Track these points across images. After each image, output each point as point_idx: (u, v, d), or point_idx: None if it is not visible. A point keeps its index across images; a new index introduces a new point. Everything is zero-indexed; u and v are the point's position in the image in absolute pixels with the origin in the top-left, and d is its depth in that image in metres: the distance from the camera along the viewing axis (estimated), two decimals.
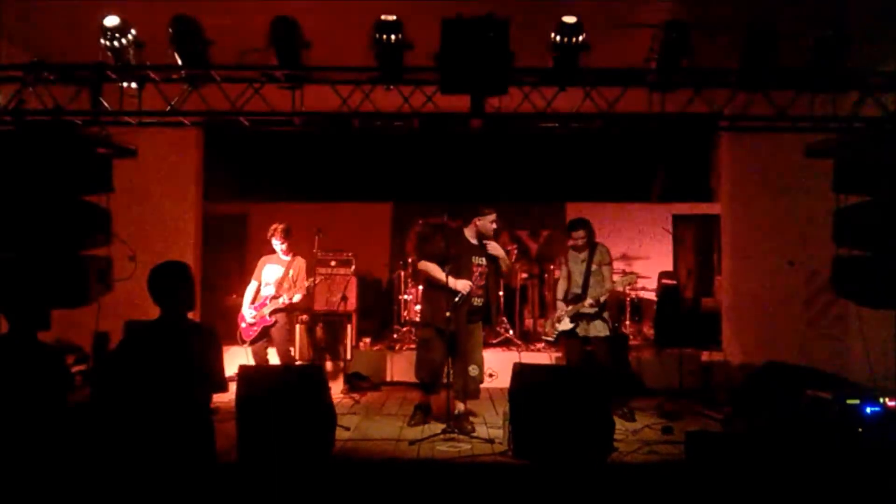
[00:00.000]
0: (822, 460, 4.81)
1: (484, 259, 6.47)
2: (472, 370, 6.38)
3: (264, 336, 7.40)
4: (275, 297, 7.35)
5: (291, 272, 7.43)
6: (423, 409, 6.64)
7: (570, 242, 7.13)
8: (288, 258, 7.51)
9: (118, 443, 3.66)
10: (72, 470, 4.00)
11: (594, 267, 6.96)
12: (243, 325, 7.48)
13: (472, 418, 6.50)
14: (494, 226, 6.50)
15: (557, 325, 7.04)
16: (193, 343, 3.84)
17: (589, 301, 6.81)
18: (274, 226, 7.53)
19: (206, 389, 3.88)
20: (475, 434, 6.16)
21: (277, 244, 7.46)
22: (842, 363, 7.14)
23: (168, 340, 3.78)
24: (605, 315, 7.00)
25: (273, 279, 7.47)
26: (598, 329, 6.90)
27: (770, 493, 4.63)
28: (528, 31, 5.31)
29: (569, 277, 7.15)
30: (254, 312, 7.41)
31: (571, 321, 6.96)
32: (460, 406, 6.37)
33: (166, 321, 3.81)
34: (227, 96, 5.90)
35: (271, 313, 7.35)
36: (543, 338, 7.42)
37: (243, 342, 7.47)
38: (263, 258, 7.64)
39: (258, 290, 7.56)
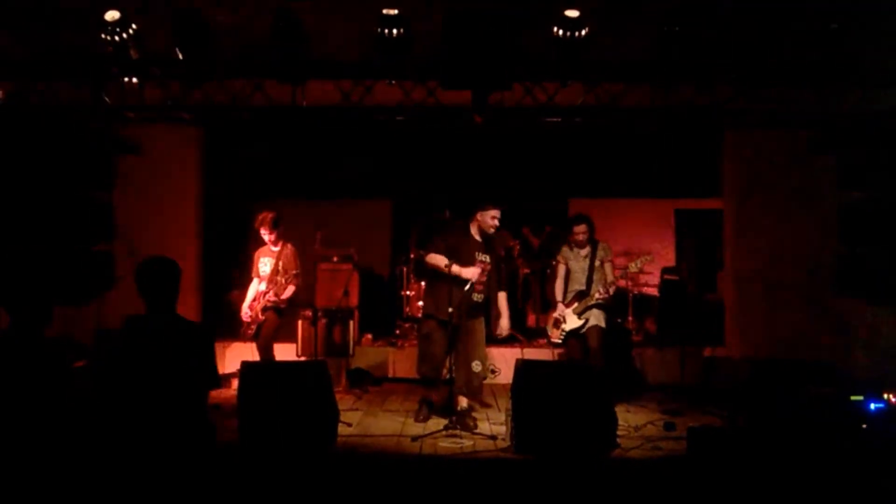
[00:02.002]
0: (825, 457, 4.79)
1: (487, 256, 6.41)
2: (475, 366, 6.32)
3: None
4: (265, 293, 7.31)
5: (281, 262, 7.34)
6: (429, 404, 6.59)
7: (573, 237, 7.05)
8: (277, 248, 7.40)
9: (113, 439, 3.65)
10: (72, 465, 3.99)
11: (597, 263, 6.96)
12: (246, 321, 7.47)
13: (474, 414, 6.50)
14: (496, 223, 6.32)
15: (564, 325, 6.96)
16: (182, 339, 3.82)
17: (599, 291, 6.79)
18: (262, 215, 7.30)
19: (199, 386, 3.86)
20: (477, 430, 6.15)
21: (266, 234, 7.29)
22: (845, 359, 7.12)
23: (157, 335, 3.77)
24: (606, 308, 7.00)
25: (266, 272, 7.41)
26: (597, 318, 6.91)
27: (773, 490, 4.61)
28: (530, 25, 5.29)
29: (567, 276, 7.09)
30: (249, 312, 7.36)
31: (580, 317, 6.92)
32: (463, 402, 6.33)
33: (153, 317, 3.80)
34: (229, 92, 5.89)
35: (263, 311, 7.29)
36: (552, 341, 7.15)
37: (247, 339, 7.46)
38: (257, 252, 7.56)
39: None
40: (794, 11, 5.49)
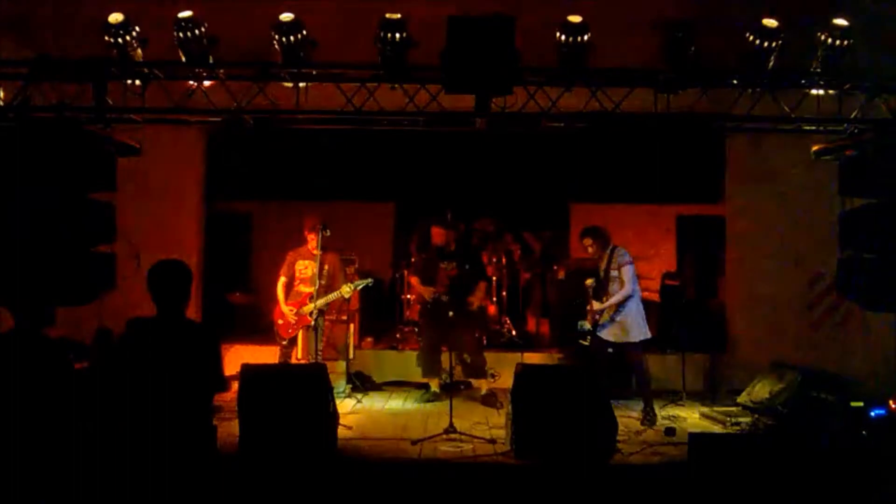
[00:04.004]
0: (826, 462, 4.78)
1: (453, 263, 7.44)
2: (466, 358, 7.44)
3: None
4: (314, 296, 7.23)
5: (326, 268, 7.34)
6: (429, 391, 7.70)
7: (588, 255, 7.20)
8: (318, 253, 7.37)
9: (119, 439, 3.65)
10: (74, 464, 3.99)
11: (613, 273, 6.89)
12: (280, 322, 7.40)
13: (475, 421, 6.61)
14: (438, 239, 7.52)
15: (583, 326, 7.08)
16: (193, 342, 3.83)
17: (597, 304, 6.88)
18: (313, 219, 7.36)
19: (207, 389, 3.86)
20: (501, 407, 6.95)
21: (314, 239, 7.27)
22: (846, 365, 7.11)
23: (168, 338, 3.77)
24: (625, 319, 6.88)
25: (308, 275, 7.39)
26: (622, 334, 6.90)
27: (773, 495, 4.60)
28: (533, 30, 5.30)
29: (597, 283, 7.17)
30: (294, 310, 7.34)
31: (592, 328, 6.96)
32: (483, 386, 7.56)
33: (165, 319, 3.80)
34: (232, 94, 5.89)
35: (311, 313, 7.27)
36: (581, 342, 7.16)
37: (282, 339, 7.41)
38: (291, 253, 7.55)
39: (292, 287, 7.49)
40: (797, 16, 5.51)
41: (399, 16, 5.41)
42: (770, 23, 5.44)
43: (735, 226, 8.97)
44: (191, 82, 5.86)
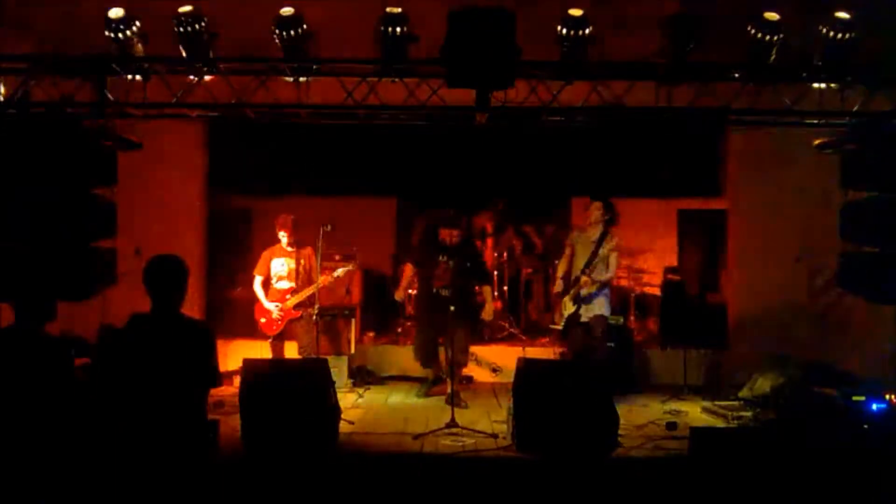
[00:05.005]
0: (828, 457, 4.78)
1: (454, 259, 7.25)
2: (441, 352, 7.28)
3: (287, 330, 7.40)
4: (295, 290, 7.33)
5: (303, 262, 7.38)
6: (429, 382, 7.68)
7: (585, 218, 7.26)
8: (293, 249, 7.47)
9: (114, 436, 3.65)
10: (73, 462, 4.00)
11: (602, 252, 6.98)
12: (263, 320, 7.44)
13: (477, 415, 6.63)
14: (449, 238, 7.33)
15: (564, 311, 7.11)
16: (187, 338, 3.82)
17: (587, 280, 6.92)
18: (283, 217, 7.48)
19: (200, 385, 3.86)
20: (465, 407, 6.87)
21: (285, 236, 7.41)
22: (848, 359, 7.11)
23: (162, 334, 3.76)
24: (605, 294, 7.10)
25: (285, 272, 7.44)
26: (596, 308, 7.02)
27: (775, 490, 4.60)
28: (534, 23, 5.29)
29: (571, 259, 7.22)
30: (279, 305, 7.37)
31: (574, 303, 7.03)
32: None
33: (160, 315, 3.80)
34: (233, 88, 5.89)
35: (296, 306, 7.32)
36: (552, 326, 7.37)
37: (267, 337, 7.44)
38: (266, 252, 7.60)
39: (268, 285, 7.51)
40: (799, 9, 5.50)
41: (400, 10, 5.40)
42: (771, 16, 5.44)
43: (736, 220, 8.95)
44: (192, 77, 5.85)
